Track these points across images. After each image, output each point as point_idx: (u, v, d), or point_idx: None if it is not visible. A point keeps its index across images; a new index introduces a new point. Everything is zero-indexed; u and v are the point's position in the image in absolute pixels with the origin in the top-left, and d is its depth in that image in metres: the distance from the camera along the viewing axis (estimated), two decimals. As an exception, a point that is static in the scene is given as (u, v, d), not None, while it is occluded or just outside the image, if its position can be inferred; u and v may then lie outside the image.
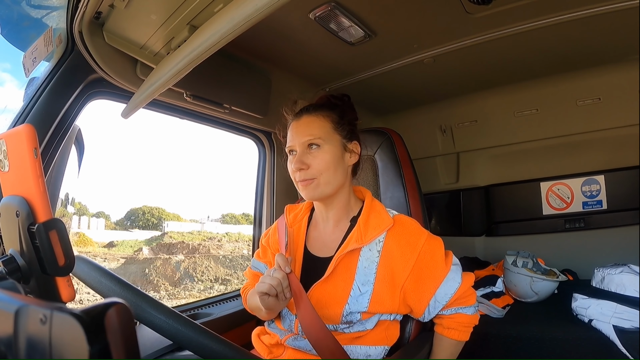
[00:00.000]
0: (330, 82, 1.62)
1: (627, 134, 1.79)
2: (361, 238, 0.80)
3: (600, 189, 1.93)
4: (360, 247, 0.80)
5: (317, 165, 0.81)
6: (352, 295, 0.78)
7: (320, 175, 0.81)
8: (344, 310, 0.78)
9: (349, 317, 0.78)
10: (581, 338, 1.26)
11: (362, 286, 0.78)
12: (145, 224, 25.37)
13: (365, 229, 0.81)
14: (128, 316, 0.26)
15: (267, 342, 0.89)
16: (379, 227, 0.81)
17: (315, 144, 0.82)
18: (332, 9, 1.07)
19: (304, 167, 0.81)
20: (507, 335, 1.35)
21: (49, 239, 0.42)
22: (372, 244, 0.81)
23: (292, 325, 0.84)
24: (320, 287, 0.80)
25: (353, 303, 0.78)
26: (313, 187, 0.81)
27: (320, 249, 0.87)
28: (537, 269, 1.70)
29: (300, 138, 0.82)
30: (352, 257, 0.81)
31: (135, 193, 38.04)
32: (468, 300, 0.85)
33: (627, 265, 1.35)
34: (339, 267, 0.80)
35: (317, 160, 0.81)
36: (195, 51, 0.71)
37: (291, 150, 0.85)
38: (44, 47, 0.89)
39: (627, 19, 1.20)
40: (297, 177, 0.83)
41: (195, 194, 56.89)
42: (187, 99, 1.18)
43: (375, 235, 0.80)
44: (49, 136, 0.90)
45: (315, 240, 0.89)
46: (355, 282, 0.79)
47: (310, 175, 0.81)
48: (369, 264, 0.80)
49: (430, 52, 1.38)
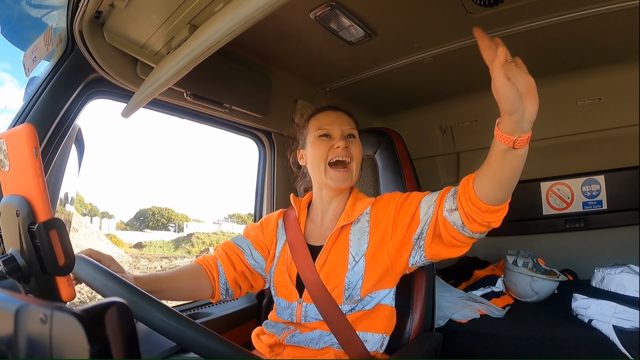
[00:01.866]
0: (330, 81, 1.61)
1: (627, 134, 1.78)
2: (348, 217, 0.89)
3: (600, 189, 1.93)
4: (350, 224, 0.89)
5: (355, 150, 0.90)
6: (349, 267, 0.84)
7: (354, 160, 0.89)
8: (345, 284, 0.83)
9: (350, 292, 0.82)
10: (581, 338, 1.26)
11: (357, 255, 0.85)
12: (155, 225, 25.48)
13: (352, 211, 0.90)
14: (128, 316, 0.26)
15: (266, 341, 0.89)
16: (363, 206, 0.91)
17: (353, 135, 0.93)
18: (332, 8, 1.06)
19: (347, 146, 0.88)
20: (507, 335, 1.36)
21: (49, 239, 0.42)
22: (360, 217, 0.90)
23: (294, 314, 0.86)
24: (321, 267, 0.86)
25: (351, 274, 0.83)
26: (349, 174, 0.88)
27: (316, 238, 0.93)
28: (537, 269, 1.70)
29: (341, 125, 0.92)
30: (343, 234, 0.88)
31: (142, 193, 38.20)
32: None
33: (627, 265, 1.35)
34: (334, 247, 0.87)
35: (355, 146, 0.91)
36: (195, 51, 0.71)
37: (326, 134, 0.91)
38: (44, 47, 0.89)
39: (627, 19, 1.20)
40: (337, 155, 0.88)
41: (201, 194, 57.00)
42: (188, 98, 1.18)
43: (361, 211, 0.90)
44: (49, 136, 0.90)
45: (310, 231, 0.95)
46: (350, 253, 0.85)
47: (349, 157, 0.88)
48: (361, 235, 0.87)
49: (430, 51, 1.38)
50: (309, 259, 0.87)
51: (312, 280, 0.85)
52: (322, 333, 0.83)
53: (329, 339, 0.82)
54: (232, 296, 0.93)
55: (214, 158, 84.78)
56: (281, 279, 0.90)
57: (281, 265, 0.92)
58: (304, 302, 0.85)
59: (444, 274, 1.99)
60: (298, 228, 0.94)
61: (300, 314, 0.85)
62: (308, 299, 0.85)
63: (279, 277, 0.91)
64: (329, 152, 0.88)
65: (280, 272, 0.91)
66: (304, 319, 0.85)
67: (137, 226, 25.30)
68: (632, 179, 1.83)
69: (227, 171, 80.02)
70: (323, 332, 0.83)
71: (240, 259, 0.94)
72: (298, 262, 0.88)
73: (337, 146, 0.88)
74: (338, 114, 0.95)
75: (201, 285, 0.88)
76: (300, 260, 0.88)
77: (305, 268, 0.86)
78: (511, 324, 1.41)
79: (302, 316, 0.85)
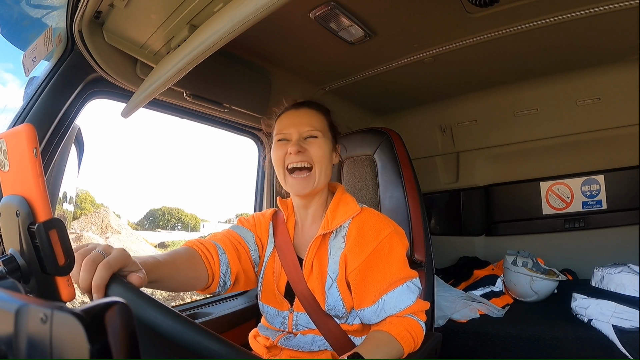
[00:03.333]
0: (330, 81, 1.61)
1: (627, 134, 1.79)
2: (327, 225, 0.81)
3: (600, 189, 1.93)
4: (329, 234, 0.81)
5: (314, 153, 0.80)
6: (327, 285, 0.79)
7: (315, 164, 0.80)
8: (326, 303, 0.78)
9: (333, 311, 0.78)
10: (581, 338, 1.27)
11: (333, 274, 0.79)
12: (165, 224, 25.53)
13: (332, 217, 0.81)
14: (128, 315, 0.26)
15: (263, 343, 0.88)
16: (345, 214, 0.81)
17: (314, 136, 0.82)
18: (332, 8, 1.06)
19: (302, 150, 0.79)
20: (506, 334, 1.36)
21: (48, 239, 0.42)
22: (338, 231, 0.81)
23: (286, 323, 0.83)
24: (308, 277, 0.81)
25: (329, 294, 0.78)
26: (308, 180, 0.80)
27: (300, 245, 0.86)
28: (536, 269, 1.70)
29: (299, 127, 0.82)
30: (323, 246, 0.81)
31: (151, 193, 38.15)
32: (419, 314, 0.77)
33: (627, 265, 1.35)
34: (316, 257, 0.81)
35: (314, 147, 0.81)
36: (195, 50, 0.71)
37: (284, 138, 0.83)
38: (43, 47, 0.89)
39: (627, 19, 1.20)
40: (290, 162, 0.80)
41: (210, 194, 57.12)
42: (187, 98, 1.18)
43: (341, 222, 0.80)
44: (48, 136, 0.90)
45: (296, 241, 0.88)
46: (328, 272, 0.79)
47: (306, 162, 0.80)
48: (336, 252, 0.80)
49: (430, 51, 1.38)
50: (298, 267, 0.82)
51: (302, 289, 0.80)
52: (315, 337, 0.81)
53: (323, 342, 0.80)
54: (224, 291, 0.81)
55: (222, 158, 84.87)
56: (269, 287, 0.85)
57: (269, 271, 0.86)
58: (295, 310, 0.82)
59: (444, 274, 1.99)
60: (287, 233, 0.87)
61: (291, 322, 0.82)
62: (299, 308, 0.81)
63: (267, 284, 0.86)
64: (285, 158, 0.81)
65: (268, 280, 0.85)
66: (295, 328, 0.82)
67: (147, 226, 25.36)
68: (631, 179, 1.83)
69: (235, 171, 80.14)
70: (316, 337, 0.81)
71: (246, 253, 0.84)
72: (288, 271, 0.82)
73: (289, 152, 0.80)
74: (300, 112, 0.85)
75: (198, 275, 0.75)
76: (289, 268, 0.82)
77: (294, 277, 0.81)
78: (511, 323, 1.41)
79: (293, 325, 0.82)
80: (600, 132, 1.85)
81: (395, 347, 0.71)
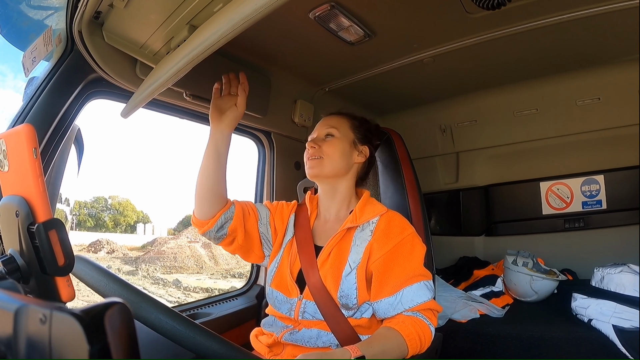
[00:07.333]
0: (330, 81, 1.61)
1: (627, 134, 1.79)
2: (356, 219, 0.89)
3: (599, 189, 1.93)
4: (355, 227, 0.89)
5: (326, 148, 0.92)
6: (344, 274, 0.84)
7: (325, 157, 0.92)
8: (340, 290, 0.82)
9: (345, 299, 0.82)
10: (581, 338, 1.27)
11: (353, 263, 0.85)
12: None
13: (360, 214, 0.90)
14: (128, 316, 0.26)
15: (265, 342, 0.89)
16: (373, 212, 0.90)
17: (330, 134, 0.94)
18: (331, 8, 1.06)
19: (316, 146, 0.93)
20: (506, 334, 1.36)
21: (48, 239, 0.42)
22: (365, 225, 0.89)
23: (293, 310, 0.86)
24: (321, 266, 0.86)
25: (345, 282, 0.83)
26: (317, 164, 0.91)
27: (320, 237, 0.94)
28: (537, 269, 1.70)
29: (320, 130, 0.97)
30: (347, 238, 0.89)
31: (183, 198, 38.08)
32: (432, 318, 0.82)
33: (627, 265, 1.35)
34: (336, 248, 0.88)
35: (327, 144, 0.93)
36: (194, 51, 0.71)
37: (312, 139, 0.96)
38: (43, 47, 0.89)
39: (627, 19, 1.20)
40: (307, 154, 0.93)
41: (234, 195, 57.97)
42: (187, 98, 1.18)
43: (369, 218, 0.89)
44: (48, 136, 0.90)
45: (315, 230, 0.96)
46: (348, 260, 0.85)
47: (317, 154, 0.92)
48: (361, 242, 0.87)
49: (430, 51, 1.38)
50: (313, 255, 0.88)
51: (314, 279, 0.85)
52: (321, 332, 0.83)
53: (328, 338, 0.82)
54: (219, 240, 0.92)
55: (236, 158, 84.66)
56: (283, 272, 0.91)
57: (285, 258, 0.92)
58: (304, 298, 0.86)
59: (444, 274, 1.99)
60: (308, 227, 0.95)
61: (299, 309, 0.85)
62: (308, 297, 0.85)
63: (281, 270, 0.91)
64: (308, 148, 0.95)
65: (283, 266, 0.92)
66: (301, 316, 0.85)
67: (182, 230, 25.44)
68: (631, 179, 1.83)
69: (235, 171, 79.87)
70: (321, 332, 0.83)
71: (254, 218, 0.95)
72: (303, 260, 0.89)
73: (307, 144, 0.95)
74: (326, 118, 0.99)
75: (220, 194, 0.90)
76: (305, 258, 0.89)
77: (308, 266, 0.87)
78: (511, 323, 1.41)
79: (300, 312, 0.85)
80: (600, 132, 1.85)
81: (401, 347, 0.75)
